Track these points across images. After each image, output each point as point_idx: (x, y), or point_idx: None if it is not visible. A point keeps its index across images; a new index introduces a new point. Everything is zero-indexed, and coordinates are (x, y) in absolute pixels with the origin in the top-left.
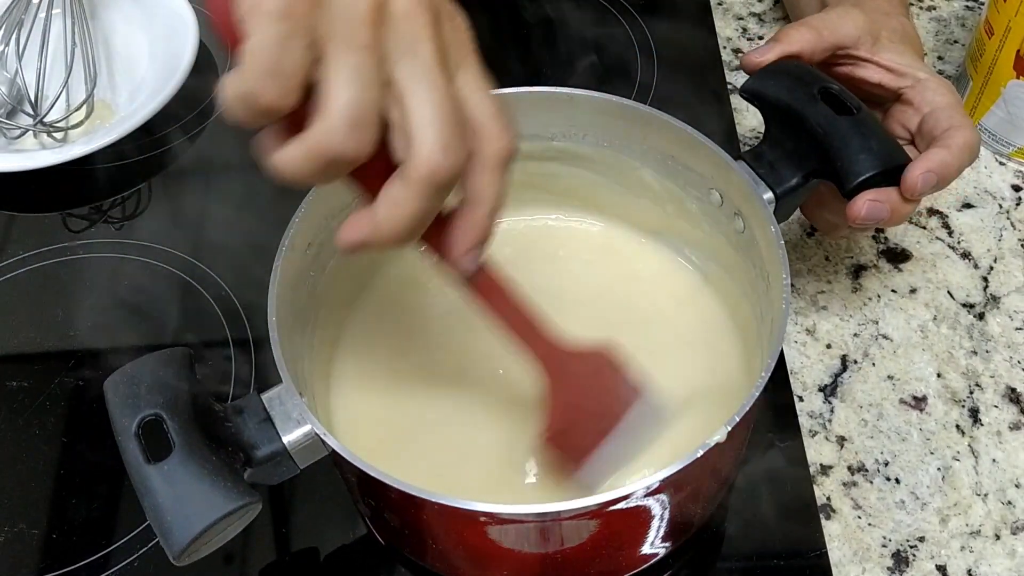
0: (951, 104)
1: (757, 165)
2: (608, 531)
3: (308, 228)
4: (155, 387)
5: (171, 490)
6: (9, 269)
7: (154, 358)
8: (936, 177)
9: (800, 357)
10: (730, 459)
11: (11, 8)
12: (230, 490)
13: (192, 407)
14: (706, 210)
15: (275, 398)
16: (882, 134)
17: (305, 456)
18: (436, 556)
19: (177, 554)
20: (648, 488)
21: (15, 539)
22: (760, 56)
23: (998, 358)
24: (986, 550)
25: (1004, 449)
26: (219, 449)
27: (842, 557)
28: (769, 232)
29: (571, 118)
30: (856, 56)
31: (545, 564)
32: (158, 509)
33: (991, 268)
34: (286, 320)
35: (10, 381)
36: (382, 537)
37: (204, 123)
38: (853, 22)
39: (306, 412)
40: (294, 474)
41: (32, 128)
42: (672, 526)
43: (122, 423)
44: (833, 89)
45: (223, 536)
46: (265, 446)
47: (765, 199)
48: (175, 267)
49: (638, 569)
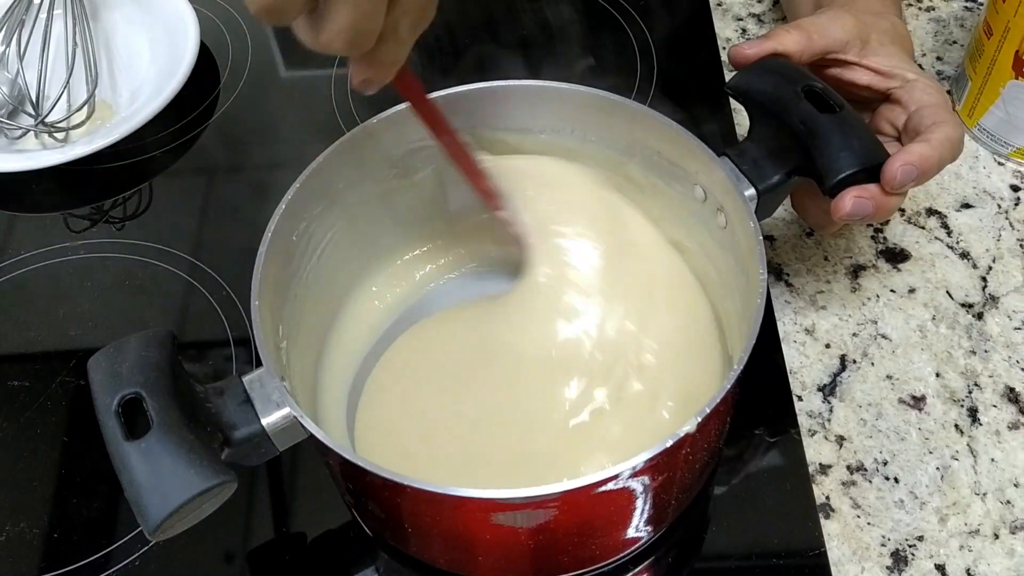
0: (937, 103)
1: (740, 161)
2: (584, 516)
3: (297, 211)
4: (137, 366)
5: (148, 467)
6: (10, 269)
7: (137, 338)
8: (916, 170)
9: (799, 357)
10: (704, 450)
11: (12, 8)
12: (206, 468)
13: (173, 387)
14: (690, 205)
15: (256, 380)
16: (863, 132)
17: (284, 439)
18: (417, 543)
19: (152, 530)
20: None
21: (16, 538)
22: (748, 49)
23: (997, 358)
24: (985, 549)
25: (1003, 449)
26: (198, 428)
27: (841, 556)
28: (749, 227)
29: (559, 112)
30: (844, 60)
31: (527, 550)
32: (134, 485)
33: (990, 268)
34: (269, 306)
35: (11, 381)
36: (366, 525)
37: (205, 123)
38: (843, 27)
39: (286, 395)
40: (273, 456)
41: (33, 128)
42: (649, 514)
43: (103, 401)
44: (817, 87)
45: (199, 514)
46: (244, 427)
47: (747, 195)
48: (176, 267)
49: (622, 556)
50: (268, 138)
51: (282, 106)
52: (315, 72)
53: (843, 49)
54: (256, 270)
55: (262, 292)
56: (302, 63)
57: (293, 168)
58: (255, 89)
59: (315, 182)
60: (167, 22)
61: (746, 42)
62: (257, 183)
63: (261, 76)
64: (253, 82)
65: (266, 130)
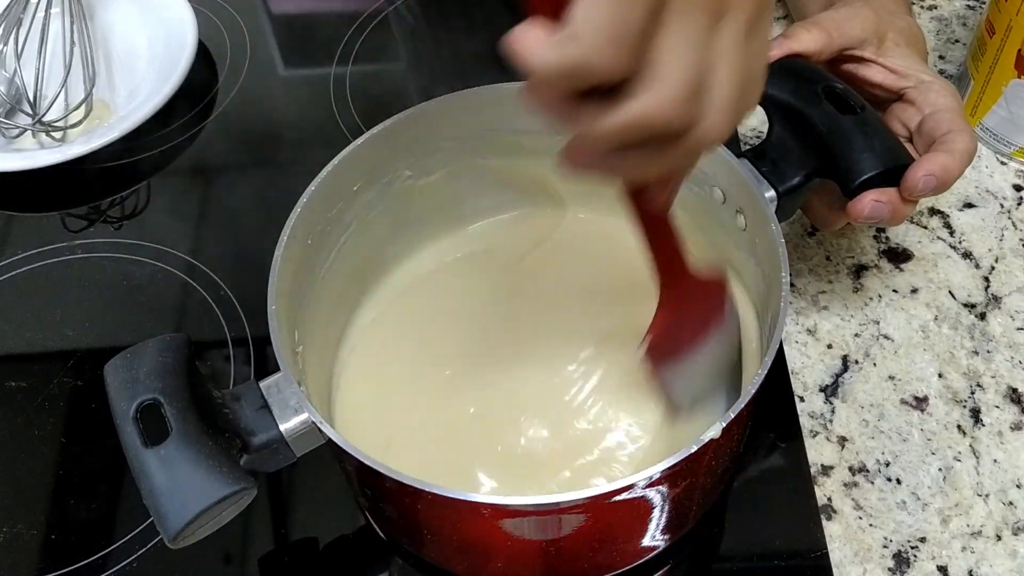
0: (953, 108)
1: (760, 163)
2: (604, 523)
3: (311, 216)
4: (154, 372)
5: (167, 474)
6: (8, 269)
7: (154, 343)
8: (936, 180)
9: (801, 357)
10: (726, 455)
11: (10, 7)
12: (226, 475)
13: (190, 392)
14: (709, 208)
15: (273, 386)
16: (885, 134)
17: (301, 444)
18: (433, 548)
19: (172, 537)
20: (649, 479)
21: (14, 539)
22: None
23: (999, 358)
24: (987, 551)
25: (1005, 449)
26: (216, 435)
27: (843, 558)
28: (770, 230)
29: None
30: (861, 57)
31: (543, 557)
32: (154, 492)
33: (992, 268)
34: (286, 311)
35: (9, 381)
36: (380, 529)
37: (203, 123)
38: (862, 23)
39: (303, 400)
40: (291, 462)
41: (31, 127)
42: (669, 520)
43: (120, 406)
44: (837, 88)
45: (218, 521)
46: (262, 433)
47: (767, 197)
48: (174, 267)
49: (636, 563)
50: (267, 137)
51: (280, 105)
52: (314, 71)
53: (860, 46)
54: (272, 274)
55: (278, 296)
56: (300, 62)
57: (292, 168)
58: (253, 88)
59: (330, 184)
60: (165, 21)
61: None
62: (256, 183)
63: (259, 75)
64: (251, 81)
65: (265, 129)
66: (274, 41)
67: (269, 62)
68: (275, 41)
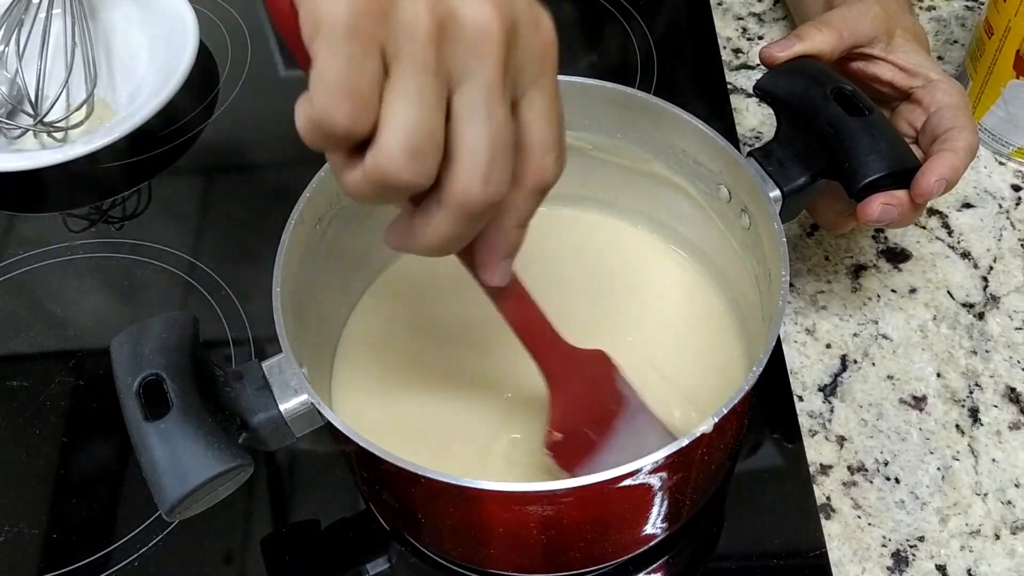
0: (957, 104)
1: (766, 163)
2: (600, 512)
3: (320, 202)
4: (159, 348)
5: (166, 448)
6: (9, 269)
7: (160, 320)
8: (947, 183)
9: (800, 357)
10: (720, 451)
11: (11, 8)
12: (223, 451)
13: (193, 370)
14: (714, 205)
15: (275, 366)
16: (892, 136)
17: (301, 425)
18: (431, 534)
19: (168, 510)
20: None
21: (15, 539)
22: (780, 51)
23: (998, 358)
24: (986, 550)
25: (1004, 449)
26: (216, 412)
27: (842, 557)
28: (773, 229)
29: (583, 108)
30: (870, 55)
31: (541, 544)
32: (153, 465)
33: (991, 268)
34: (290, 294)
35: (10, 381)
36: (380, 515)
37: (204, 123)
38: (872, 20)
39: (304, 382)
40: (290, 442)
41: (32, 128)
42: (664, 512)
43: (124, 381)
44: (847, 90)
45: (214, 496)
46: (261, 412)
47: (772, 197)
48: (175, 267)
49: (632, 554)
50: (267, 138)
51: (281, 106)
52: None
53: (870, 43)
54: (279, 256)
55: (284, 279)
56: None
57: (292, 168)
58: (254, 89)
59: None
60: (166, 21)
61: (776, 43)
62: (256, 183)
63: (260, 76)
64: (252, 82)
65: (265, 130)
66: (275, 41)
67: (270, 63)
68: (276, 41)
